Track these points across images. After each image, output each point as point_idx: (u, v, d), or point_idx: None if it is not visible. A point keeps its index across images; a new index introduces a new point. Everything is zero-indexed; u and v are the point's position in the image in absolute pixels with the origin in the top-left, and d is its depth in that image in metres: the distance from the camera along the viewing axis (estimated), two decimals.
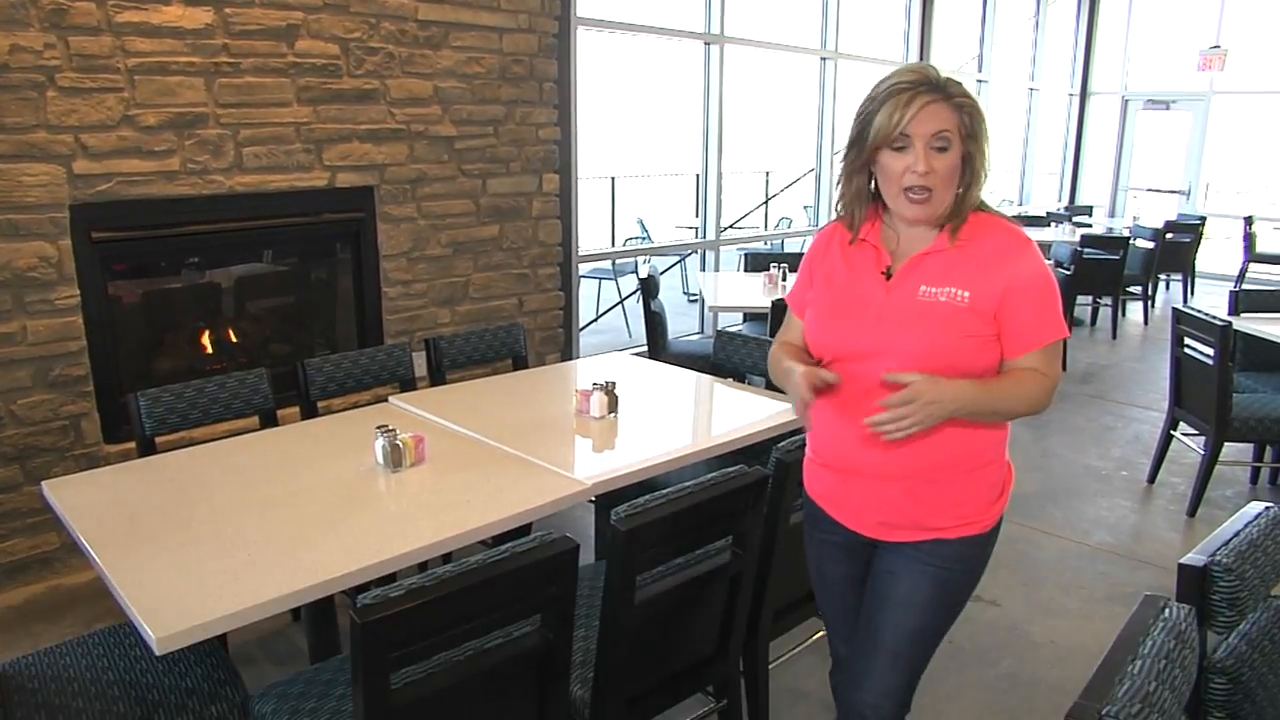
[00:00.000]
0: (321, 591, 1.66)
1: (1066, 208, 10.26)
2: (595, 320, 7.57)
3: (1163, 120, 10.80)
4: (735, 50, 6.11)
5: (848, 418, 1.63)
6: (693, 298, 7.89)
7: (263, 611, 1.58)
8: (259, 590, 1.60)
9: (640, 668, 1.89)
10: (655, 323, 4.50)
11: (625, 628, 1.75)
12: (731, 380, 3.10)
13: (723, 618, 2.04)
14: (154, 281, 3.61)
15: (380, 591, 1.41)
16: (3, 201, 2.90)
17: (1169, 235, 8.01)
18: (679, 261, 8.59)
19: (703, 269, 6.71)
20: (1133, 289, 7.82)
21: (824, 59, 7.16)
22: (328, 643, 2.08)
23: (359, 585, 1.67)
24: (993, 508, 1.65)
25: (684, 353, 4.45)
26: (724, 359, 3.23)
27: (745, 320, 5.38)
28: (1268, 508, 1.50)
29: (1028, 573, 3.32)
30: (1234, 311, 4.30)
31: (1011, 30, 9.91)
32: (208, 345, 3.76)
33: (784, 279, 4.70)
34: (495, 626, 1.57)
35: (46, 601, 3.06)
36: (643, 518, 1.70)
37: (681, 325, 6.65)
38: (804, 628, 2.46)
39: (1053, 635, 2.91)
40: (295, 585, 1.63)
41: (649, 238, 9.31)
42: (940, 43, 8.30)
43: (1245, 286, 5.87)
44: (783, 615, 2.31)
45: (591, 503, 2.54)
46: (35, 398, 3.05)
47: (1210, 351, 3.66)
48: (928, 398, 1.47)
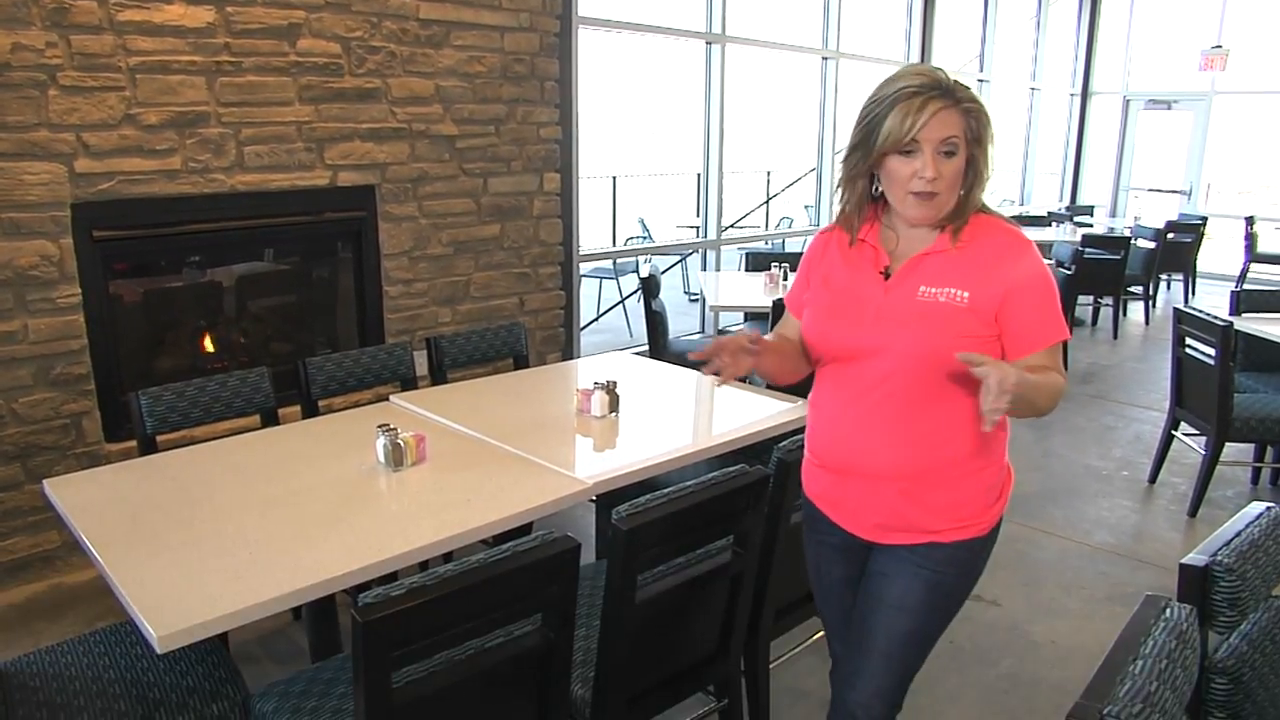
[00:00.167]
0: (322, 590, 1.66)
1: (1068, 207, 10.25)
2: (596, 320, 7.56)
3: (1164, 120, 10.79)
4: (736, 50, 6.10)
5: (845, 418, 1.63)
6: (694, 297, 7.89)
7: (264, 610, 1.58)
8: (260, 589, 1.60)
9: (641, 667, 1.89)
10: (656, 322, 4.50)
11: (626, 627, 1.76)
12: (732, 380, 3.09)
13: (723, 617, 2.04)
14: (155, 280, 3.61)
15: (381, 590, 1.41)
16: (4, 200, 2.90)
17: (1170, 235, 8.00)
18: (680, 261, 8.59)
19: (704, 268, 6.70)
20: (1134, 289, 7.82)
21: (825, 58, 7.16)
22: (329, 641, 2.08)
23: (360, 584, 1.68)
24: (990, 510, 1.64)
25: (685, 352, 4.44)
26: None
27: (746, 320, 5.38)
28: (1269, 508, 1.50)
29: (1028, 573, 3.32)
30: (1235, 312, 4.30)
31: (1013, 30, 9.89)
32: (209, 344, 3.76)
33: (785, 279, 4.69)
34: (496, 626, 1.57)
35: (48, 600, 3.07)
36: (643, 517, 1.70)
37: (682, 325, 6.65)
38: (804, 627, 2.46)
39: (1053, 635, 2.91)
40: (296, 584, 1.63)
41: (650, 237, 9.30)
42: (941, 42, 8.29)
43: (1246, 287, 5.87)
44: (783, 615, 2.31)
45: (592, 502, 2.54)
46: (36, 396, 3.05)
47: (1211, 351, 3.66)
48: (1014, 378, 1.35)
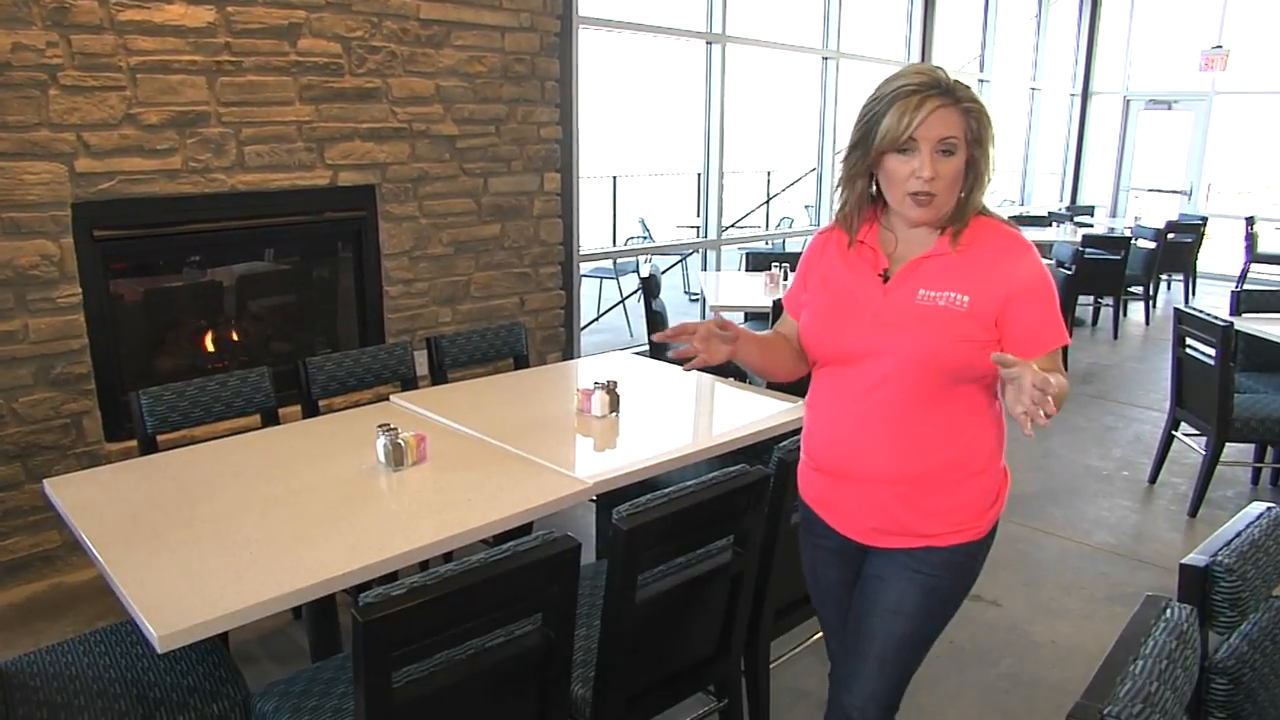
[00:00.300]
0: (323, 590, 1.66)
1: (1068, 208, 10.25)
2: (596, 319, 7.56)
3: (1164, 120, 10.79)
4: (737, 50, 6.10)
5: (842, 421, 1.62)
6: (694, 297, 7.89)
7: (264, 610, 1.58)
8: (260, 588, 1.60)
9: (641, 667, 1.89)
10: (656, 322, 4.50)
11: (626, 627, 1.75)
12: (733, 380, 3.10)
13: (724, 617, 2.04)
14: (156, 280, 3.61)
15: (382, 590, 1.41)
16: (5, 200, 2.90)
17: (1170, 235, 8.00)
18: (680, 261, 8.59)
19: (704, 268, 6.71)
20: (1134, 289, 7.82)
21: (826, 59, 7.16)
22: (329, 641, 2.08)
23: (360, 584, 1.68)
24: (986, 514, 1.63)
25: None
26: None
27: (746, 320, 5.36)
28: (1269, 508, 1.50)
29: (1028, 573, 3.32)
30: (1235, 312, 4.30)
31: (1013, 30, 9.89)
32: (209, 344, 3.76)
33: (785, 279, 4.70)
34: (496, 625, 1.57)
35: (48, 599, 3.07)
36: (644, 517, 1.70)
37: None
38: (804, 627, 2.46)
39: (1053, 635, 2.91)
40: (297, 584, 1.63)
41: (650, 237, 9.31)
42: (942, 42, 8.29)
43: (1247, 287, 5.87)
44: (784, 615, 2.31)
45: (593, 502, 2.54)
46: (37, 396, 3.05)
47: (1212, 352, 3.66)
48: (1055, 381, 1.31)
